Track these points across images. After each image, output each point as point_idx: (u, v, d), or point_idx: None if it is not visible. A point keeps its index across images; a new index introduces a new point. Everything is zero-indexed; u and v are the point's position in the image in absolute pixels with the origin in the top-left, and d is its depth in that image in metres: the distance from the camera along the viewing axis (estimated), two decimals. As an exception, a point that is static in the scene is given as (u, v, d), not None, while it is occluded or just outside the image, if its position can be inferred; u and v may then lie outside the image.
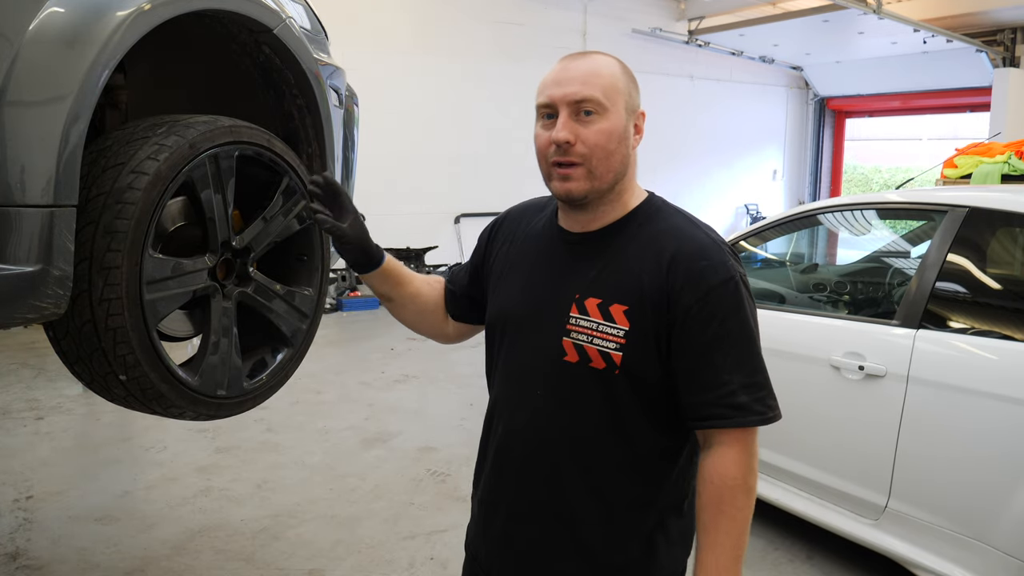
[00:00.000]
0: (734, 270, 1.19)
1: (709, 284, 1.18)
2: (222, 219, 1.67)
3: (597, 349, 1.21)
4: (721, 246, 1.22)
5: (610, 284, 1.22)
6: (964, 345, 2.45)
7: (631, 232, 1.25)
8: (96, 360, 1.54)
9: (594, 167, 1.21)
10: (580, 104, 1.19)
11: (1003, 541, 2.23)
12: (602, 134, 1.20)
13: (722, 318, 1.18)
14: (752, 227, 3.47)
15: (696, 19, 10.94)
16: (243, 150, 1.70)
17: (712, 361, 1.18)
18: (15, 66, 1.32)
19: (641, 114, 1.27)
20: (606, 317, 1.21)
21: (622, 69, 1.25)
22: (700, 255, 1.19)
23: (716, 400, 1.17)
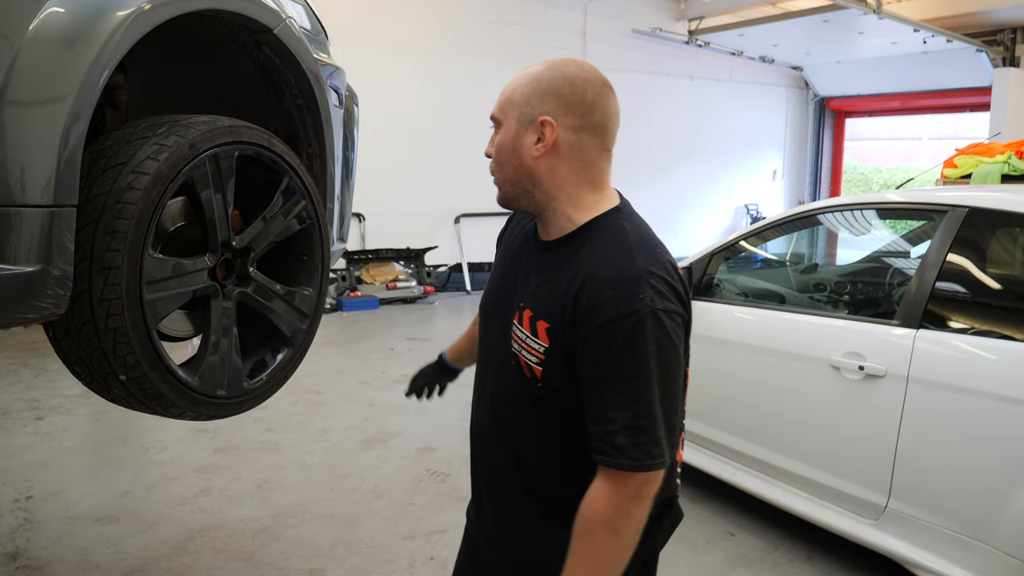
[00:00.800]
0: (643, 304, 1.13)
1: (608, 316, 1.14)
2: (222, 219, 1.67)
3: (524, 360, 1.26)
4: (643, 276, 1.15)
5: (541, 299, 1.24)
6: (964, 345, 2.45)
7: (574, 248, 1.24)
8: (96, 360, 1.54)
9: (496, 176, 1.30)
10: (492, 120, 1.31)
11: (1003, 541, 2.23)
12: (494, 146, 1.29)
13: (616, 353, 1.13)
14: (752, 227, 3.48)
15: (696, 19, 10.93)
16: (243, 150, 1.70)
17: (601, 395, 1.15)
18: (15, 66, 1.32)
19: (544, 122, 1.23)
20: (533, 332, 1.24)
21: (531, 80, 1.25)
22: (610, 284, 1.15)
23: (598, 435, 1.16)
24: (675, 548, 3.08)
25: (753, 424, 3.10)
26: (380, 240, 8.83)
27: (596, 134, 1.26)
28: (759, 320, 3.15)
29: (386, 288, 8.49)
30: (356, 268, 8.54)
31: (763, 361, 3.04)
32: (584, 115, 1.24)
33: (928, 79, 11.75)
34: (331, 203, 2.18)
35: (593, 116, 1.25)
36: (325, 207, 2.04)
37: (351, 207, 2.61)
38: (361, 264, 8.62)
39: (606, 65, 7.91)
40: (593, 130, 1.25)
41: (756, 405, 3.08)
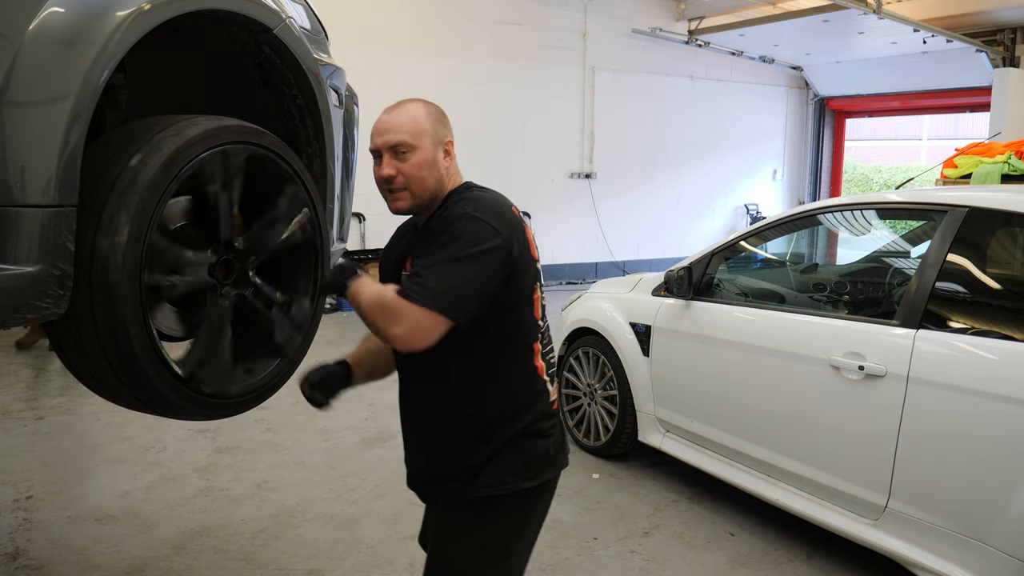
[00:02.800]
0: (463, 212, 1.58)
1: (442, 228, 1.59)
2: (226, 216, 1.68)
3: None
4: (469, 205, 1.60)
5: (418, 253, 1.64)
6: (964, 345, 2.45)
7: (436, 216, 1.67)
8: (96, 360, 1.54)
9: (413, 189, 1.65)
10: (396, 147, 1.63)
11: (1003, 541, 2.23)
12: (414, 166, 1.64)
13: (436, 238, 1.58)
14: (752, 227, 3.48)
15: (696, 19, 10.92)
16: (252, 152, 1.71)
17: (420, 261, 1.58)
18: (15, 66, 1.32)
19: (449, 142, 1.70)
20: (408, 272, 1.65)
21: (426, 112, 1.67)
22: (450, 215, 1.60)
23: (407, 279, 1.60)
24: (675, 548, 3.08)
25: (753, 424, 3.11)
26: (380, 240, 8.78)
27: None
28: (759, 320, 3.15)
29: (386, 288, 8.48)
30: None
31: (763, 361, 3.04)
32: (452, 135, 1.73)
33: (928, 79, 11.74)
34: (331, 203, 2.18)
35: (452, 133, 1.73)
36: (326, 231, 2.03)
37: (351, 207, 2.61)
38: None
39: (606, 65, 8.01)
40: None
41: (756, 405, 3.08)
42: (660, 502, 3.48)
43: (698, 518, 3.34)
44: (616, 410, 3.79)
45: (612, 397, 3.82)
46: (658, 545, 3.10)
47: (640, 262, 10.40)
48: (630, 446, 3.80)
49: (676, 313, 3.46)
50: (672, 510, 3.41)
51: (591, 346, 3.98)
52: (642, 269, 6.81)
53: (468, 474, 1.68)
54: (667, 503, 3.48)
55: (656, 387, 3.56)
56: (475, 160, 10.23)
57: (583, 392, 4.04)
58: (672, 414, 3.50)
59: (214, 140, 1.62)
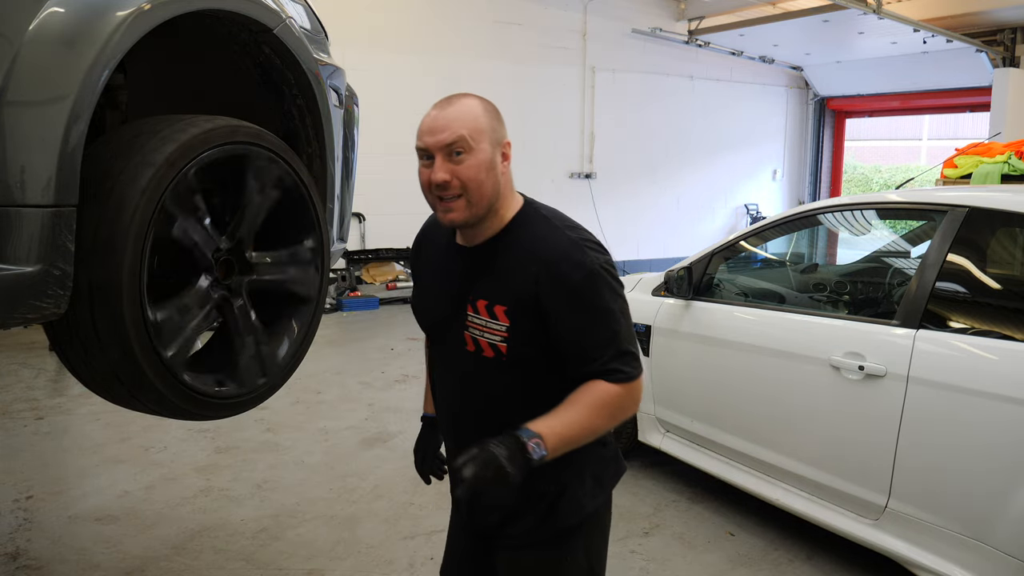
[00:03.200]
0: (593, 263, 1.43)
1: (572, 283, 1.42)
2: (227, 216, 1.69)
3: (487, 341, 1.48)
4: (579, 244, 1.45)
5: (493, 288, 1.47)
6: (964, 345, 2.45)
7: (507, 242, 1.49)
8: (96, 360, 1.54)
9: (471, 197, 1.43)
10: (451, 147, 1.42)
11: (1003, 541, 2.23)
12: (472, 169, 1.43)
13: (585, 307, 1.42)
14: (752, 227, 3.48)
15: (696, 19, 10.92)
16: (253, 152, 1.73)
17: (585, 342, 1.43)
18: (15, 66, 1.32)
19: (507, 144, 1.49)
20: (491, 315, 1.46)
21: (484, 109, 1.47)
22: (562, 258, 1.43)
23: (593, 371, 1.43)
24: (675, 548, 3.08)
25: (753, 424, 3.10)
26: (380, 240, 8.82)
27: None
28: (759, 320, 3.15)
29: (386, 288, 8.49)
30: (356, 268, 8.54)
31: (763, 361, 3.04)
32: (507, 133, 1.52)
33: (928, 79, 11.74)
34: (331, 203, 2.18)
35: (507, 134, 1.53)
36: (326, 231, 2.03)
37: (351, 207, 2.61)
38: (361, 264, 8.62)
39: (606, 65, 8.03)
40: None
41: (756, 405, 3.08)
42: (660, 502, 3.48)
43: (698, 518, 3.34)
44: (616, 410, 3.78)
45: (612, 397, 3.80)
46: (658, 545, 3.10)
47: (640, 262, 10.40)
48: (630, 446, 3.80)
49: (676, 313, 3.46)
50: (672, 510, 3.41)
51: (591, 346, 3.97)
52: (642, 269, 6.82)
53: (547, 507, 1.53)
54: (667, 503, 3.48)
55: (656, 387, 3.56)
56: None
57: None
58: (672, 414, 3.50)
59: (214, 140, 1.62)
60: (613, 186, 10.61)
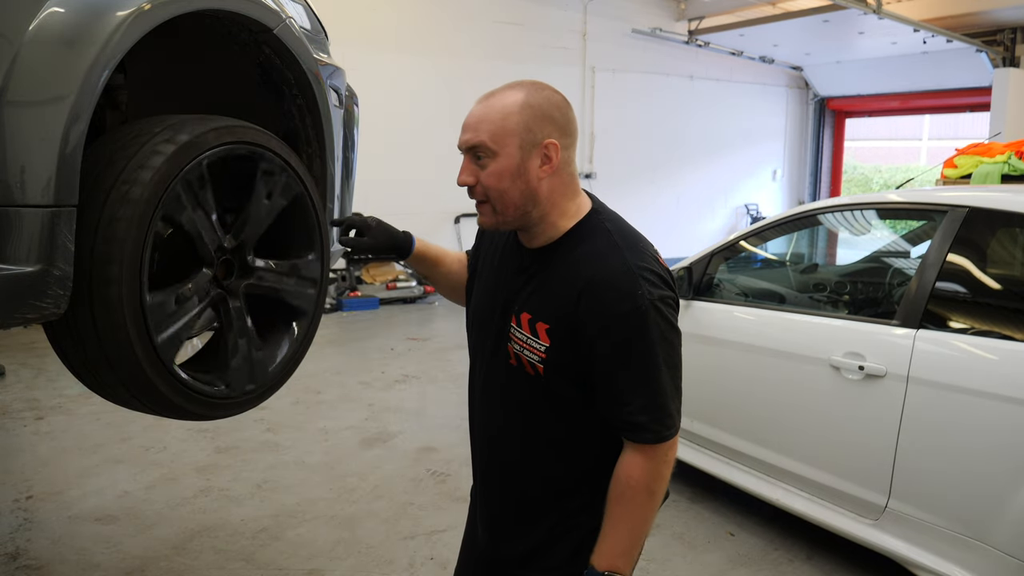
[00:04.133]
0: (642, 298, 1.26)
1: (613, 313, 1.27)
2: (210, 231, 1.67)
3: (526, 359, 1.37)
4: (635, 272, 1.28)
5: (538, 303, 1.35)
6: (964, 345, 2.45)
7: (562, 253, 1.36)
8: (96, 359, 1.54)
9: (495, 205, 1.34)
10: (474, 150, 1.33)
11: (1003, 541, 2.23)
12: (492, 176, 1.32)
13: (625, 345, 1.27)
14: (752, 227, 3.48)
15: (696, 19, 10.93)
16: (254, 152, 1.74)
17: (616, 382, 1.29)
18: (15, 66, 1.32)
19: (549, 144, 1.32)
20: (533, 332, 1.35)
21: (522, 106, 1.31)
22: (609, 285, 1.28)
23: (617, 416, 1.31)
24: (675, 548, 3.08)
25: (753, 424, 3.10)
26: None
27: (574, 148, 1.39)
28: (759, 320, 3.15)
29: (386, 288, 8.49)
30: (356, 268, 8.54)
31: (763, 361, 3.04)
32: (571, 134, 1.37)
33: (928, 79, 11.75)
34: (331, 203, 2.18)
35: (574, 134, 1.38)
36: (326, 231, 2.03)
37: (351, 207, 2.61)
38: (361, 264, 8.62)
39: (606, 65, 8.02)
40: (574, 145, 1.38)
41: (756, 405, 3.08)
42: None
43: (698, 518, 3.34)
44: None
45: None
46: (658, 545, 3.10)
47: (640, 262, 10.38)
48: (630, 446, 3.80)
49: (676, 313, 3.45)
50: (672, 510, 3.41)
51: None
52: (642, 269, 6.81)
53: (580, 539, 1.41)
54: (667, 503, 3.47)
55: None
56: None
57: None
58: (672, 414, 3.49)
59: (215, 140, 1.62)
60: (613, 186, 10.61)
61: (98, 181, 1.47)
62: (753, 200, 12.72)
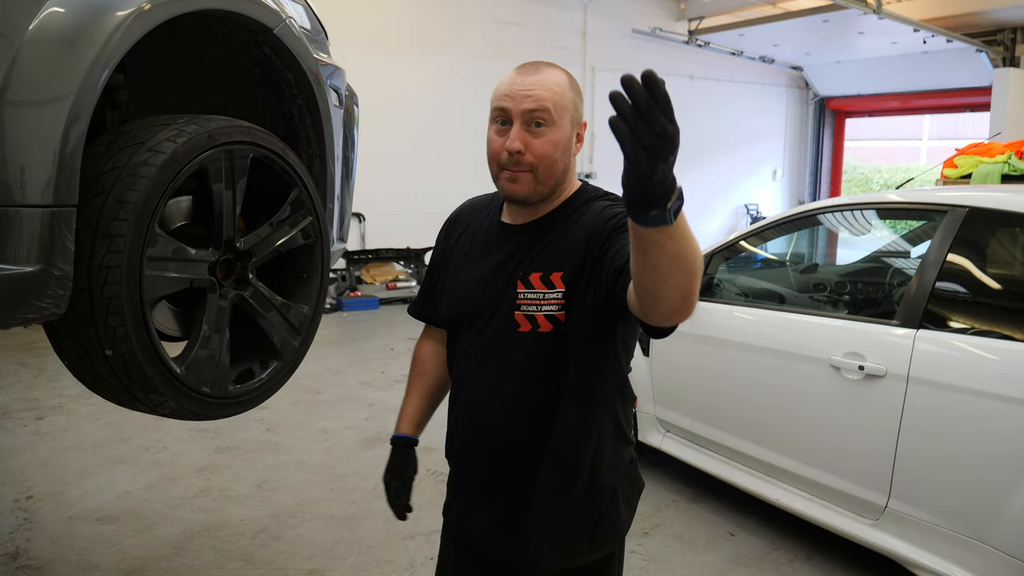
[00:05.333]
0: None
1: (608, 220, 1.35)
2: (229, 216, 1.68)
3: (544, 315, 1.37)
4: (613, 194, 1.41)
5: (549, 258, 1.39)
6: (964, 345, 2.45)
7: (565, 216, 1.43)
8: (96, 359, 1.54)
9: (540, 174, 1.37)
10: (532, 115, 1.34)
11: (1003, 541, 2.23)
12: (549, 145, 1.36)
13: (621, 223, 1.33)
14: (752, 227, 3.48)
15: (696, 19, 10.93)
16: (257, 153, 1.72)
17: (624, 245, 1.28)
18: (15, 66, 1.32)
19: (583, 124, 1.42)
20: (548, 285, 1.38)
21: (570, 84, 1.40)
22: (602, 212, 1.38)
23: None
24: (675, 548, 3.08)
25: (753, 424, 3.10)
26: (380, 240, 8.82)
27: None
28: (759, 320, 3.15)
29: (386, 288, 8.49)
30: (356, 268, 8.54)
31: (763, 361, 3.04)
32: (583, 114, 1.44)
33: (928, 79, 11.75)
34: (331, 203, 2.18)
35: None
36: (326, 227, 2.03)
37: (351, 207, 2.61)
38: (361, 264, 8.62)
39: (606, 65, 8.02)
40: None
41: (756, 405, 3.08)
42: (660, 502, 3.48)
43: (698, 518, 3.34)
44: (616, 410, 3.78)
45: (612, 397, 3.81)
46: (658, 545, 3.10)
47: (640, 262, 10.39)
48: (630, 446, 3.80)
49: (676, 313, 3.45)
50: (672, 510, 3.41)
51: (591, 346, 3.97)
52: (642, 269, 6.80)
53: (587, 538, 1.45)
54: (667, 503, 3.48)
55: (656, 387, 3.56)
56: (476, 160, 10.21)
57: (583, 392, 4.03)
58: (672, 414, 3.50)
59: (215, 140, 1.62)
60: (613, 186, 10.42)
61: (98, 181, 1.47)
62: (753, 200, 12.72)
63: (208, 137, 1.60)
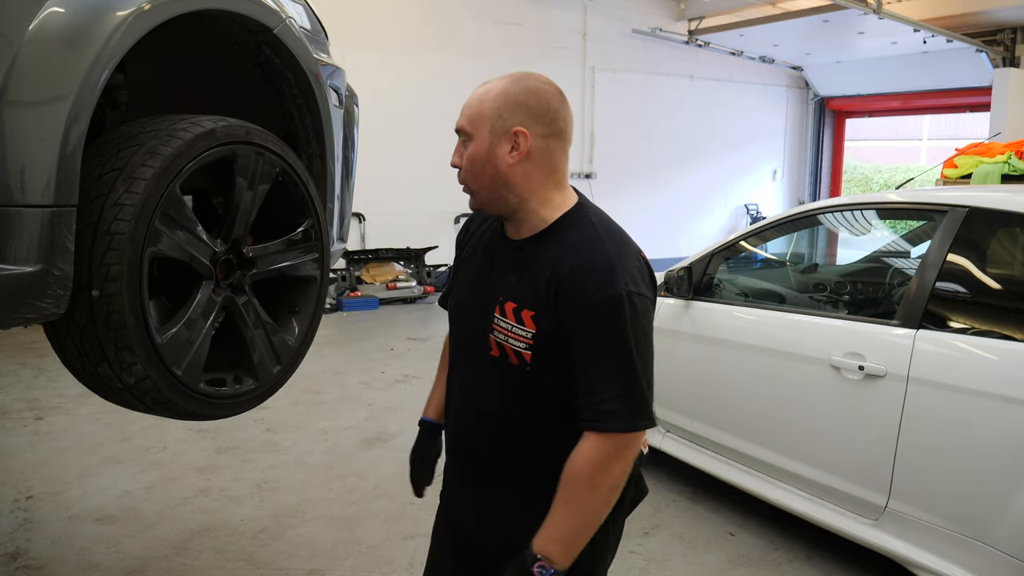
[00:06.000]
0: (620, 288, 1.29)
1: (592, 299, 1.29)
2: (244, 215, 1.69)
3: (511, 348, 1.38)
4: (615, 263, 1.31)
5: (524, 291, 1.37)
6: (964, 345, 2.45)
7: (548, 244, 1.38)
8: (96, 359, 1.54)
9: (470, 186, 1.41)
10: (460, 133, 1.40)
11: (1003, 541, 2.23)
12: (467, 159, 1.39)
13: (601, 332, 1.29)
14: (752, 227, 3.48)
15: (696, 19, 10.93)
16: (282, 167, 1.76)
17: (591, 370, 1.31)
18: (15, 66, 1.32)
19: (517, 132, 1.35)
20: (518, 320, 1.37)
21: (499, 93, 1.36)
22: (590, 271, 1.31)
23: (590, 404, 1.31)
24: (675, 548, 3.08)
25: (753, 424, 3.10)
26: (380, 240, 8.82)
27: (561, 139, 1.40)
28: (759, 320, 3.15)
29: (386, 288, 8.49)
30: (356, 268, 8.54)
31: (763, 361, 3.04)
32: (550, 123, 1.38)
33: (928, 79, 11.74)
34: (331, 203, 2.18)
35: (557, 124, 1.39)
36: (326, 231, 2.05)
37: (351, 207, 2.61)
38: (361, 264, 8.62)
39: (606, 65, 8.03)
40: (558, 136, 1.39)
41: (756, 405, 3.08)
42: (660, 502, 3.48)
43: (698, 518, 3.34)
44: (616, 410, 3.78)
45: (612, 397, 3.81)
46: (658, 545, 3.10)
47: (640, 262, 10.38)
48: (630, 446, 3.80)
49: (676, 313, 3.46)
50: (672, 510, 3.41)
51: (591, 346, 3.97)
52: (642, 269, 6.80)
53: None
54: (667, 503, 3.48)
55: (656, 387, 3.55)
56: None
57: (583, 392, 4.04)
58: (672, 414, 3.50)
59: (215, 140, 1.62)
60: (613, 186, 10.61)
61: (99, 180, 1.47)
62: (753, 200, 12.71)
63: (246, 132, 1.68)
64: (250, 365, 1.82)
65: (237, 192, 1.70)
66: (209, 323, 1.68)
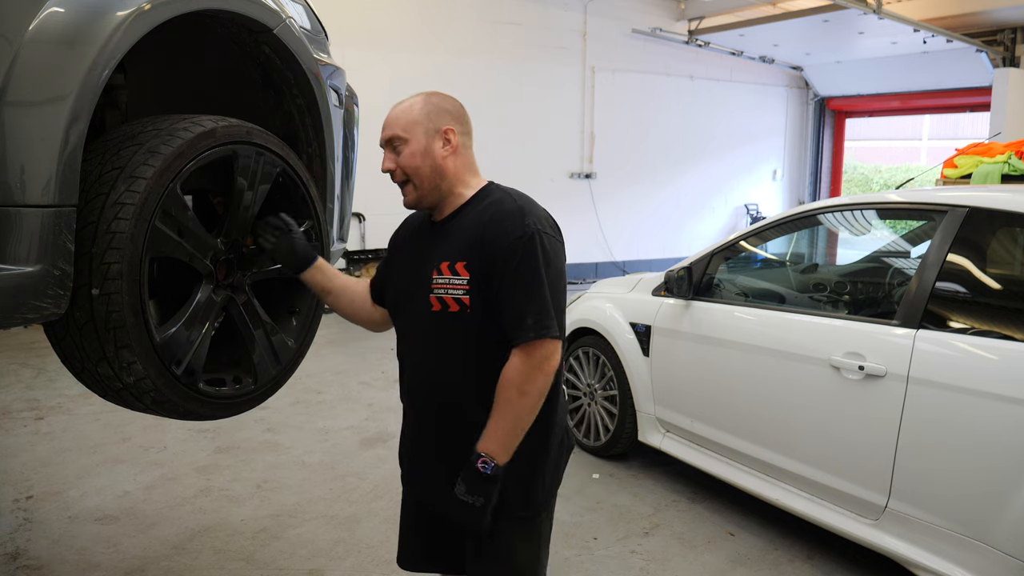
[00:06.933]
0: (531, 227, 1.58)
1: (510, 238, 1.58)
2: (247, 210, 1.70)
3: (452, 297, 1.62)
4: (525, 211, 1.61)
5: (455, 247, 1.64)
6: (964, 345, 2.45)
7: (468, 211, 1.68)
8: (96, 359, 1.54)
9: (416, 181, 1.67)
10: (391, 143, 1.68)
11: (1003, 541, 2.23)
12: (407, 157, 1.66)
13: (517, 263, 1.57)
14: (752, 227, 3.48)
15: (696, 19, 10.92)
16: (282, 167, 1.77)
17: (512, 298, 1.57)
18: (15, 66, 1.32)
19: (447, 131, 1.67)
20: (454, 272, 1.62)
21: (423, 103, 1.68)
22: (505, 216, 1.61)
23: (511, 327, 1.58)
24: (675, 548, 3.08)
25: (753, 424, 3.11)
26: (380, 240, 8.82)
27: (470, 137, 1.76)
28: (759, 320, 3.15)
29: (386, 288, 8.48)
30: (356, 268, 8.54)
31: (763, 361, 3.04)
32: (465, 124, 1.74)
33: (928, 79, 11.74)
34: (331, 203, 2.18)
35: (469, 124, 1.75)
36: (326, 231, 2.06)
37: (351, 207, 2.62)
38: (361, 264, 8.62)
39: (606, 65, 8.04)
40: (469, 134, 1.75)
41: (756, 405, 3.08)
42: (660, 502, 3.48)
43: (698, 518, 3.34)
44: (616, 410, 3.79)
45: (612, 397, 3.82)
46: (658, 545, 3.10)
47: (640, 262, 10.39)
48: (630, 446, 3.80)
49: (676, 313, 3.46)
50: (672, 510, 3.41)
51: (591, 346, 3.98)
52: (642, 269, 6.81)
53: (523, 485, 1.68)
54: (667, 503, 3.48)
55: (656, 387, 3.56)
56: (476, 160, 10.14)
57: (583, 392, 4.04)
58: (672, 414, 3.50)
59: (216, 140, 1.62)
60: (613, 186, 10.61)
61: (99, 180, 1.47)
62: (753, 200, 12.71)
63: (247, 132, 1.73)
64: (250, 365, 1.82)
65: (237, 192, 1.70)
66: (209, 323, 1.68)
